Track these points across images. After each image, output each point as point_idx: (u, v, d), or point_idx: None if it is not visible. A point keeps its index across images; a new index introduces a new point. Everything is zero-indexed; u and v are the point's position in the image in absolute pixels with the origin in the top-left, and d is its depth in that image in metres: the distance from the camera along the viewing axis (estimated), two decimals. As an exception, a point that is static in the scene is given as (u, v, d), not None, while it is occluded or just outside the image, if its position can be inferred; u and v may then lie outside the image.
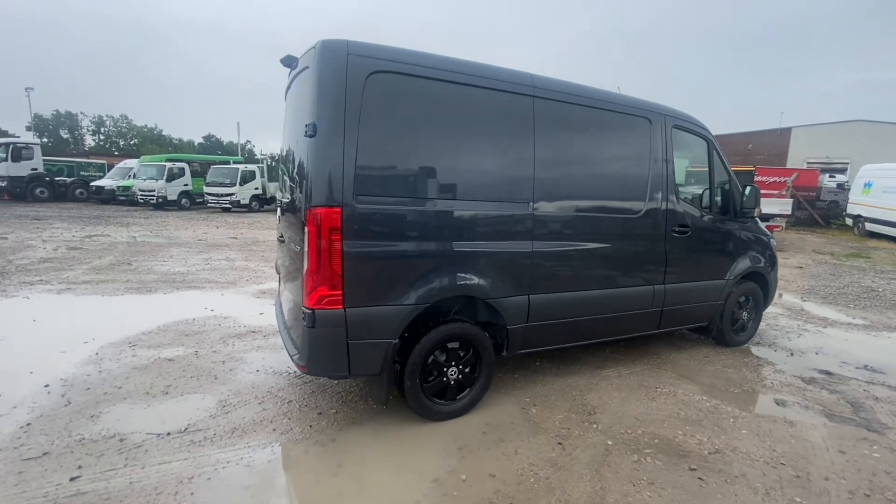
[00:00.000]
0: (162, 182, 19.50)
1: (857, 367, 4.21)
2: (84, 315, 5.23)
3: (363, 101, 2.58)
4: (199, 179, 20.81)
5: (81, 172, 24.49)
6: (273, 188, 21.36)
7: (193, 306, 5.56)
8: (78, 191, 22.04)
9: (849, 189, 17.93)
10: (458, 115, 2.92)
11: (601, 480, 2.48)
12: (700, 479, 2.52)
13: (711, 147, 4.22)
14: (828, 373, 4.06)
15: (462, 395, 3.12)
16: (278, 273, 3.91)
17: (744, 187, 4.31)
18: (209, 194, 19.55)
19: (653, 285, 3.85)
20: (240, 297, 6.13)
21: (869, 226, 14.48)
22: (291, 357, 2.85)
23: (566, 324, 3.49)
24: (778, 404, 3.44)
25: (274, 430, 2.89)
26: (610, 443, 2.85)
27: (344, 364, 2.71)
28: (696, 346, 4.65)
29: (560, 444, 2.83)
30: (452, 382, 3.05)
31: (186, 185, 20.43)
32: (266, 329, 4.79)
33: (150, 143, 55.01)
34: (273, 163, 25.01)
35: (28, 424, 2.86)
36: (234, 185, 19.23)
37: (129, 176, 21.56)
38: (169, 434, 2.81)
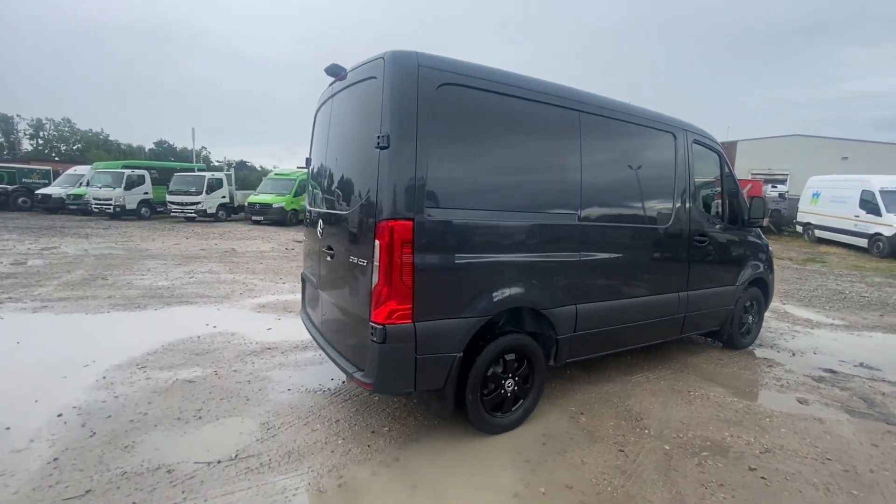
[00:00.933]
0: (120, 190, 18.31)
1: (854, 365, 4.55)
2: (72, 335, 4.82)
3: (433, 113, 2.56)
4: (158, 187, 19.72)
5: (24, 179, 22.56)
6: (241, 196, 20.60)
7: (192, 323, 5.24)
8: (21, 199, 20.34)
9: (789, 199, 19.51)
10: (518, 128, 2.95)
11: (674, 485, 2.54)
12: (762, 478, 2.63)
13: (722, 160, 4.47)
14: (832, 371, 4.36)
15: (516, 406, 3.11)
16: (309, 284, 3.77)
17: (750, 199, 4.59)
18: (172, 203, 18.54)
19: (678, 292, 4.01)
20: (239, 312, 5.84)
21: (818, 232, 15.72)
22: (351, 375, 2.73)
23: (608, 332, 3.56)
24: (801, 403, 3.65)
25: (332, 452, 2.76)
26: (667, 447, 2.93)
27: (411, 380, 2.64)
28: (707, 350, 4.87)
29: (621, 450, 2.88)
30: (509, 394, 3.04)
31: (147, 193, 19.28)
32: (281, 345, 4.59)
33: (95, 148, 51.49)
34: (231, 169, 24.03)
35: (55, 459, 2.59)
36: (201, 193, 18.34)
37: (81, 183, 20.14)
38: (220, 462, 2.62)
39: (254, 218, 18.28)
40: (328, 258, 3.17)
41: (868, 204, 13.56)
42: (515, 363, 3.05)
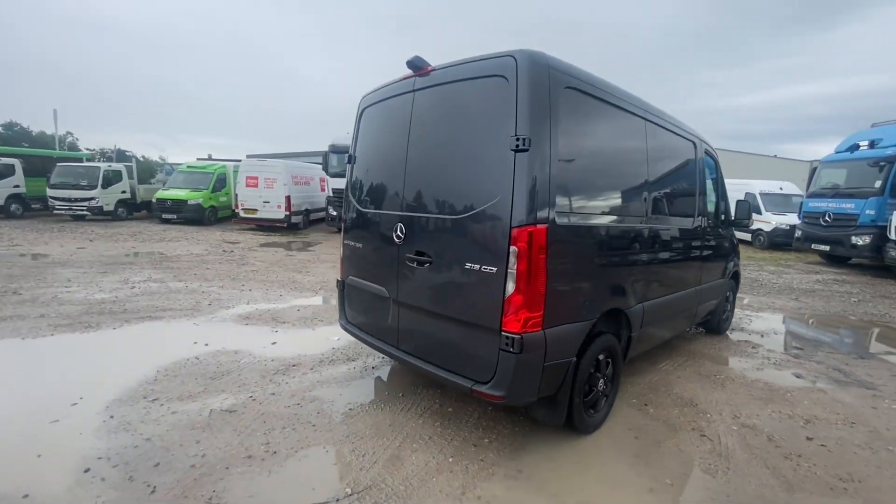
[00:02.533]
0: (-21, 183, 14.88)
1: (810, 341, 5.44)
2: (27, 368, 3.87)
3: (558, 117, 2.52)
4: (32, 180, 16.39)
5: None
6: (144, 191, 17.99)
7: (174, 342, 4.51)
8: None
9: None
10: (618, 136, 3.03)
11: (764, 461, 2.81)
12: (822, 445, 3.04)
13: (718, 166, 5.03)
14: (799, 348, 5.16)
15: (603, 405, 3.21)
16: (367, 293, 3.45)
17: (736, 202, 5.23)
18: (56, 199, 15.52)
19: (696, 287, 4.44)
20: (222, 326, 5.14)
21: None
22: (471, 388, 2.58)
23: (658, 327, 3.82)
24: (798, 377, 4.27)
25: (451, 472, 2.59)
26: (735, 428, 3.24)
27: (536, 388, 2.58)
28: (696, 338, 5.44)
29: (703, 435, 3.12)
30: (601, 393, 3.12)
31: (18, 186, 15.91)
32: (304, 360, 4.15)
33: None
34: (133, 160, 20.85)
35: (129, 527, 2.08)
36: (95, 187, 15.62)
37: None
38: (338, 500, 2.32)
39: (164, 216, 16.09)
40: (415, 265, 2.94)
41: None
42: (605, 363, 3.14)
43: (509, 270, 2.42)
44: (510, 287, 2.42)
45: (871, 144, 11.48)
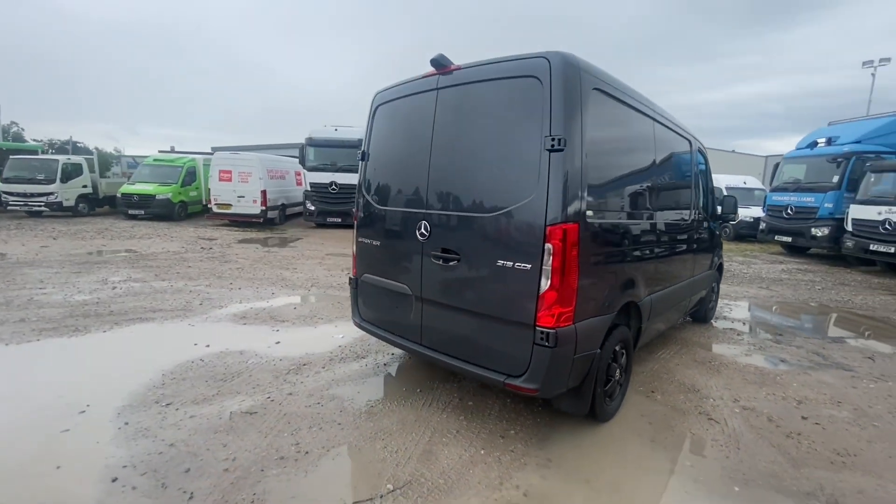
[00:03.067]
0: (-81, 176, 13.72)
1: (786, 328, 5.81)
2: (13, 374, 3.66)
3: (587, 118, 2.60)
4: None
5: None
6: (106, 185, 17.08)
7: (173, 344, 4.38)
8: None
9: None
10: (633, 136, 3.16)
11: (769, 440, 3.02)
12: (817, 423, 3.29)
13: (707, 163, 5.27)
14: (780, 334, 5.51)
15: (616, 394, 3.35)
16: (387, 292, 3.45)
17: (722, 198, 5.50)
18: (9, 194, 14.53)
19: (690, 278, 4.67)
20: (218, 326, 5.01)
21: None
22: (504, 382, 2.65)
23: (661, 318, 4.00)
24: (783, 361, 4.58)
25: (485, 464, 2.66)
26: (737, 410, 3.45)
27: (566, 380, 2.68)
28: (686, 327, 5.71)
29: (710, 418, 3.31)
30: (616, 383, 3.26)
31: (-36, 180, 14.79)
32: (314, 359, 4.11)
33: None
34: (94, 152, 19.68)
35: (176, 534, 2.04)
36: (53, 182, 14.70)
37: None
38: (382, 497, 2.34)
39: (130, 212, 15.35)
40: (440, 262, 2.97)
41: (717, 197, 16.99)
42: (620, 354, 3.28)
43: (544, 267, 2.49)
44: (545, 283, 2.49)
45: (829, 141, 12.26)
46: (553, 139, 2.43)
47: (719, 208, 5.47)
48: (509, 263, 2.63)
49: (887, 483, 2.61)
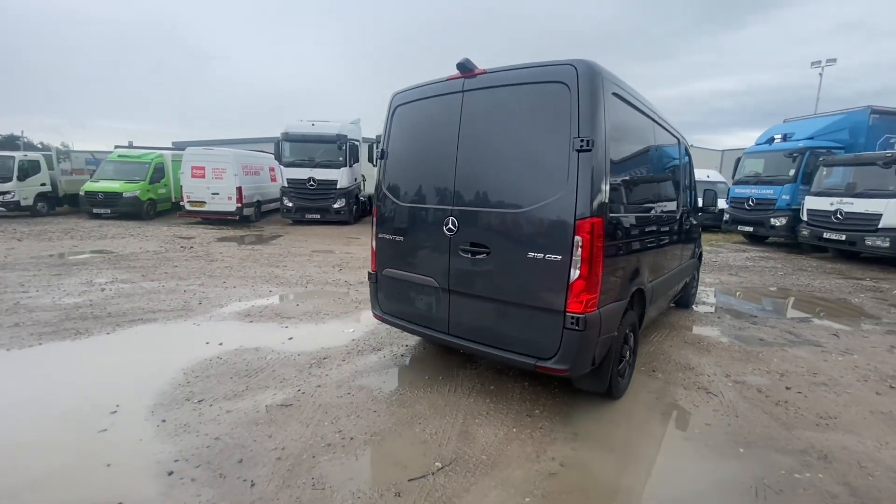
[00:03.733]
0: None
1: (759, 310, 6.34)
2: (27, 378, 3.59)
3: (608, 120, 2.83)
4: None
5: None
6: (66, 183, 16.19)
7: (184, 344, 4.40)
8: None
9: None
10: (640, 136, 3.43)
11: (762, 409, 3.38)
12: (800, 392, 3.69)
13: (690, 158, 5.66)
14: (754, 315, 6.01)
15: (626, 373, 3.64)
16: (413, 285, 3.60)
17: (703, 191, 5.93)
18: (-41, 193, 13.57)
19: (679, 266, 5.04)
20: (224, 324, 5.00)
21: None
22: (535, 365, 2.87)
23: (657, 304, 4.33)
24: (761, 340, 5.03)
25: (521, 441, 2.87)
26: (730, 384, 3.82)
27: (590, 360, 2.93)
28: (671, 312, 6.12)
29: (709, 392, 3.65)
30: (626, 362, 3.55)
31: None
32: (332, 353, 4.21)
33: None
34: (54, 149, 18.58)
35: (250, 518, 2.14)
36: (9, 180, 13.83)
37: None
38: (433, 474, 2.51)
39: (95, 211, 14.65)
40: (469, 255, 3.15)
41: (683, 190, 17.91)
42: (629, 336, 3.57)
43: (573, 258, 2.71)
44: (574, 273, 2.72)
45: (785, 137, 13.18)
46: (582, 140, 2.66)
47: (700, 200, 5.88)
48: (540, 255, 2.84)
49: (865, 440, 3.01)
